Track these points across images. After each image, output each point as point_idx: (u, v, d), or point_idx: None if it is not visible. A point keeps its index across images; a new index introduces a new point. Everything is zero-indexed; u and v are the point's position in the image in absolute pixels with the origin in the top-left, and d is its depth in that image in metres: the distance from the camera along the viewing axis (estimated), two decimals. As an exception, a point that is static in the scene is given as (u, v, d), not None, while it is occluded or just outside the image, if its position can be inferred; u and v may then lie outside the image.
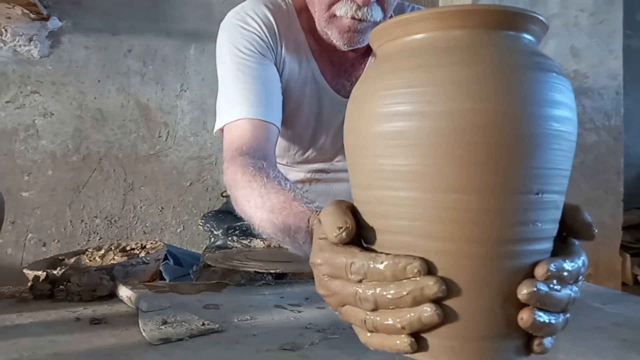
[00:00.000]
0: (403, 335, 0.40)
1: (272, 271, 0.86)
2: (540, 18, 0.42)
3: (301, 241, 0.61)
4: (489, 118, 0.37)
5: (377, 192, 0.42)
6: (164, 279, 1.31)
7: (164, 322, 0.60)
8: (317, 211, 0.60)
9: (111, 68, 1.85)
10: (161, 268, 1.26)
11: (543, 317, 0.39)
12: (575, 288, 0.42)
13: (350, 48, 0.90)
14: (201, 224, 1.27)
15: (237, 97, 0.88)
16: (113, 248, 1.08)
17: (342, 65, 0.99)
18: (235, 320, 0.63)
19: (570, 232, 0.44)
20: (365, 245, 0.45)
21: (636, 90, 2.22)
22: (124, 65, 1.85)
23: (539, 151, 0.38)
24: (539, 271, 0.39)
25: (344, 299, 0.43)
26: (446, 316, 0.39)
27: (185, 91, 1.94)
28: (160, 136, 1.94)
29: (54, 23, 1.80)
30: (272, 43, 0.92)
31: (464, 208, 0.38)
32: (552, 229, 0.41)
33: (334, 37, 0.89)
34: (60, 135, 1.88)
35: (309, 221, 0.59)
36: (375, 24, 0.85)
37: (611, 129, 1.82)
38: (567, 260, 0.41)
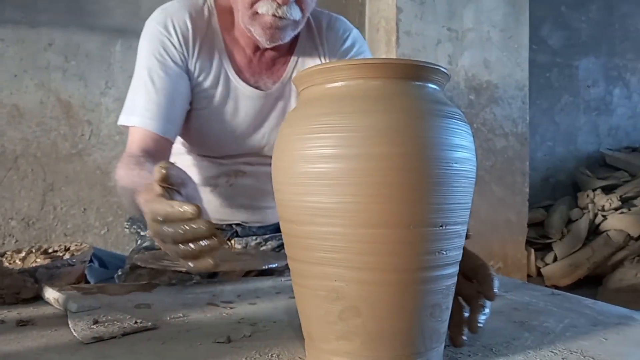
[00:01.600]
0: (207, 258, 0.58)
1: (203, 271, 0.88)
2: (443, 70, 0.49)
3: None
4: (400, 161, 0.43)
5: (303, 227, 0.47)
6: (89, 282, 1.27)
7: (95, 322, 0.60)
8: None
9: (29, 62, 1.75)
10: (85, 271, 1.22)
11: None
12: (486, 310, 0.57)
13: (273, 44, 0.96)
14: (127, 226, 1.24)
15: (141, 104, 0.96)
16: (34, 250, 1.04)
17: (265, 64, 1.04)
18: (168, 318, 0.65)
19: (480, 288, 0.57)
20: (292, 275, 0.51)
21: (540, 100, 2.44)
22: (43, 60, 1.75)
23: (442, 189, 0.44)
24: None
25: (161, 237, 0.61)
26: (368, 337, 0.45)
27: (111, 88, 1.88)
28: (83, 134, 1.86)
29: (-35, 12, 1.68)
30: (186, 52, 0.98)
31: (381, 241, 0.44)
32: (457, 255, 0.49)
33: (257, 33, 0.94)
34: (-30, 132, 1.75)
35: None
36: (295, 22, 0.93)
37: (518, 135, 1.99)
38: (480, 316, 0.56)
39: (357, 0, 2.03)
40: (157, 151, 0.94)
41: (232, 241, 1.13)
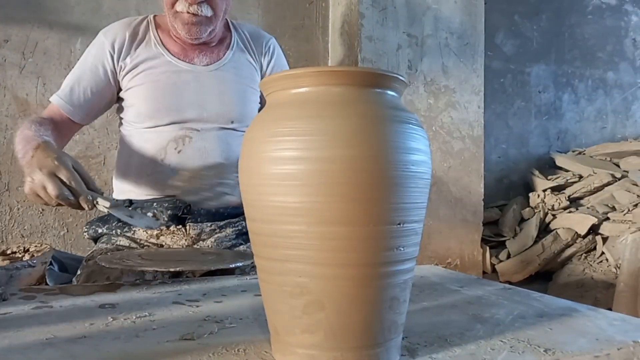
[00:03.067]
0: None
1: (171, 270, 0.88)
2: (401, 78, 0.52)
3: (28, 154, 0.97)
4: (361, 163, 0.46)
5: (269, 226, 0.49)
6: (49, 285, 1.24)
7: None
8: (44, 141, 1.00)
9: (-17, 59, 1.69)
10: (45, 274, 1.20)
11: None
12: None
13: (193, 38, 1.19)
14: (85, 230, 1.23)
15: (66, 89, 1.20)
16: (-9, 252, 1.01)
17: (199, 49, 1.24)
18: (134, 317, 0.65)
19: None
20: (258, 272, 0.52)
21: (494, 104, 2.52)
22: (-2, 57, 1.70)
23: (400, 189, 0.47)
24: None
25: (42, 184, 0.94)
26: (331, 329, 0.47)
27: (69, 87, 1.83)
28: (40, 133, 1.80)
29: None
30: (117, 54, 1.20)
31: (343, 238, 0.46)
32: (414, 251, 0.52)
33: (179, 29, 1.18)
34: None
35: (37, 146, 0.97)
36: (207, 18, 1.16)
37: (474, 137, 2.07)
38: None
39: (321, 4, 2.06)
40: (61, 122, 1.20)
41: (187, 227, 1.15)
